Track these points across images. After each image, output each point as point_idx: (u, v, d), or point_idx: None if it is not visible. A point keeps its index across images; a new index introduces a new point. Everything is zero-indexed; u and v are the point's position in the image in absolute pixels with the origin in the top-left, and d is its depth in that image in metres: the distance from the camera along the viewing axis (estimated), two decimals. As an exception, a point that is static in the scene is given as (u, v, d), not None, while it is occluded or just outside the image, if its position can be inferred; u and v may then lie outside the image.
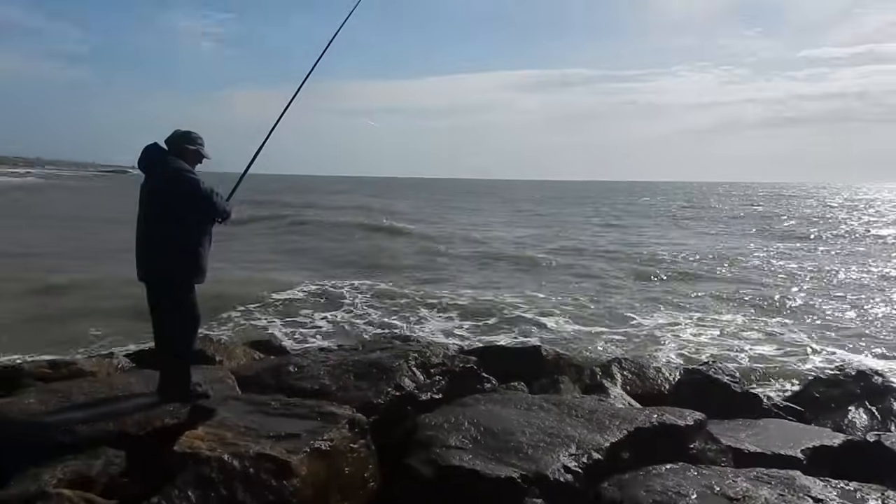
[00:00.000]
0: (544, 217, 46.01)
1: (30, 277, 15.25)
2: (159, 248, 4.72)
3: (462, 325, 12.25)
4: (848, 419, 6.53)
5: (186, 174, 4.74)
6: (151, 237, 4.75)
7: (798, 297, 15.63)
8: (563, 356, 7.76)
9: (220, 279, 14.53)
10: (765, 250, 25.54)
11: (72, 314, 12.23)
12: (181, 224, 4.71)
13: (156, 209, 4.74)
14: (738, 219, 44.82)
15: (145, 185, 4.85)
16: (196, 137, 4.95)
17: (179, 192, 4.69)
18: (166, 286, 4.80)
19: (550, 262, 20.79)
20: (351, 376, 5.45)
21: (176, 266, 4.74)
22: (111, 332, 10.96)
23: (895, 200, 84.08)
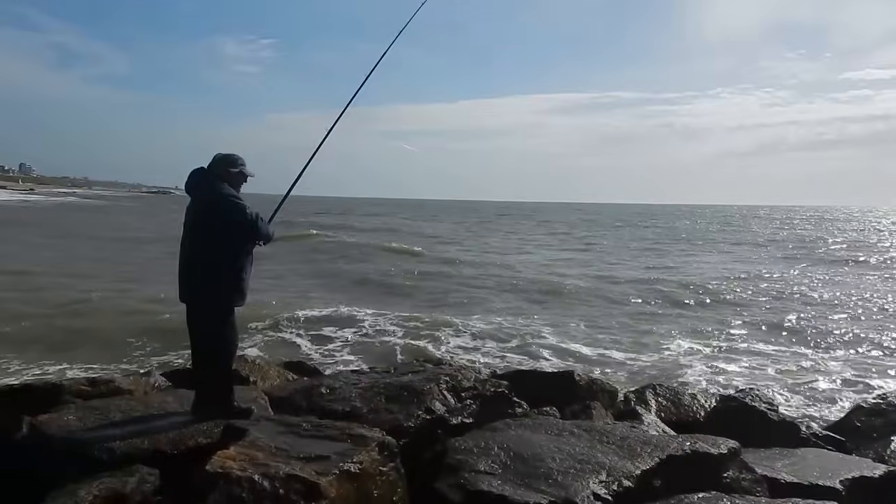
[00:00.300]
0: (580, 240, 45.65)
1: (64, 294, 15.63)
2: (203, 272, 4.83)
3: (490, 349, 12.19)
4: (890, 449, 6.31)
5: (232, 199, 4.83)
6: (195, 260, 4.86)
7: (840, 323, 15.26)
8: (597, 381, 7.66)
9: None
10: (805, 275, 24.96)
11: (109, 331, 12.49)
12: (225, 248, 4.83)
13: (200, 233, 4.85)
14: (778, 242, 43.87)
15: (191, 208, 4.96)
16: (237, 159, 5.05)
17: (225, 216, 4.80)
18: (209, 309, 4.89)
19: (583, 287, 20.55)
20: (382, 399, 5.48)
21: (219, 290, 4.85)
22: (148, 351, 11.18)
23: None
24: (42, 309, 13.85)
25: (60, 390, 5.93)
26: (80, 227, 40.58)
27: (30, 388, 6.24)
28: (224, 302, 4.88)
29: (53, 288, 16.56)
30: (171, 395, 5.77)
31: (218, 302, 4.88)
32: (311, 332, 13.04)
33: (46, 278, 18.11)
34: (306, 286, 19.86)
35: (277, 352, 10.99)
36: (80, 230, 37.42)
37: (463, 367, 6.57)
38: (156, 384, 6.58)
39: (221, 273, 4.82)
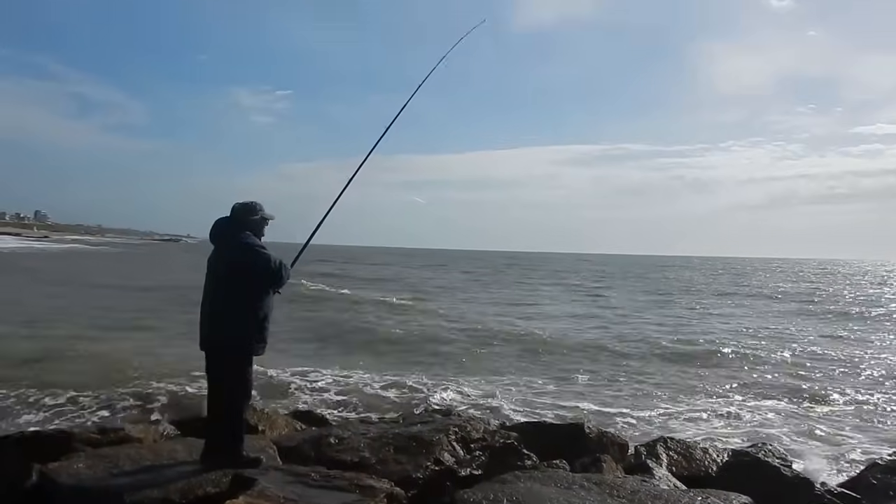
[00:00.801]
0: (588, 291, 45.31)
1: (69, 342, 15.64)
2: (226, 321, 4.87)
3: (496, 401, 12.08)
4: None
5: (256, 248, 4.92)
6: (218, 309, 4.91)
7: (855, 380, 15.05)
8: (607, 434, 7.58)
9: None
10: (818, 330, 24.65)
11: (120, 377, 12.47)
12: (248, 297, 4.88)
13: (224, 282, 4.91)
14: (791, 296, 43.37)
15: (215, 256, 5.04)
16: (256, 205, 5.12)
17: (250, 267, 4.87)
18: (230, 356, 4.92)
19: (589, 340, 20.31)
20: (391, 449, 5.46)
21: (242, 338, 4.87)
22: (156, 398, 11.16)
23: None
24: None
25: (70, 438, 5.96)
26: (74, 273, 40.19)
27: (40, 436, 6.26)
28: (245, 350, 4.90)
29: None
30: (180, 443, 5.77)
31: (240, 350, 4.90)
32: (315, 383, 12.99)
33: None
34: (293, 336, 19.87)
35: (278, 401, 10.98)
36: (75, 277, 37.12)
37: (472, 418, 6.54)
38: (164, 432, 6.59)
39: (246, 322, 4.85)
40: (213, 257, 5.06)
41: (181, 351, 14.26)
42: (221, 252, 5.00)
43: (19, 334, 16.37)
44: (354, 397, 11.64)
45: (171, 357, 13.89)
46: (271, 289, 5.00)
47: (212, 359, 5.01)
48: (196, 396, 11.14)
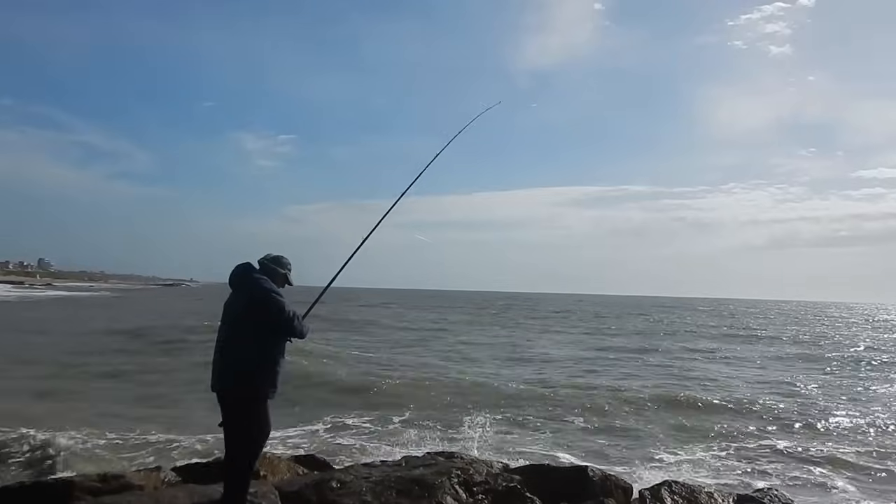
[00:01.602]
0: (587, 334, 45.04)
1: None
2: (239, 365, 4.87)
3: (500, 443, 12.00)
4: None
5: (274, 296, 4.95)
6: (231, 352, 4.92)
7: (860, 424, 14.94)
8: (611, 477, 7.51)
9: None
10: (813, 378, 24.06)
11: (124, 422, 12.45)
12: (262, 343, 4.90)
13: (240, 326, 4.93)
14: (799, 343, 42.79)
15: (233, 300, 5.08)
16: (286, 262, 5.26)
17: (266, 312, 4.89)
18: (241, 398, 4.91)
19: (591, 386, 20.07)
20: (393, 493, 5.43)
21: (253, 382, 4.87)
22: (156, 444, 11.12)
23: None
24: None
25: (72, 487, 5.94)
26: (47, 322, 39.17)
27: (40, 485, 6.24)
28: (259, 392, 4.90)
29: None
30: (182, 490, 5.75)
31: (252, 391, 4.89)
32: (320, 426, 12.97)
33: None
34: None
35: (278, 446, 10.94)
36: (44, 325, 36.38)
37: (474, 460, 6.50)
38: (166, 479, 6.56)
39: (256, 366, 4.86)
40: (230, 300, 5.12)
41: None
42: (238, 295, 5.05)
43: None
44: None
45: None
46: (284, 336, 5.03)
47: (224, 402, 4.99)
48: (191, 443, 11.17)
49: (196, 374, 17.03)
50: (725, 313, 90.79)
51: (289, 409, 14.17)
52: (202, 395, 13.56)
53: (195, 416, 12.65)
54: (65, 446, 10.29)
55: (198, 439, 11.06)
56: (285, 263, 5.24)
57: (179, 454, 10.22)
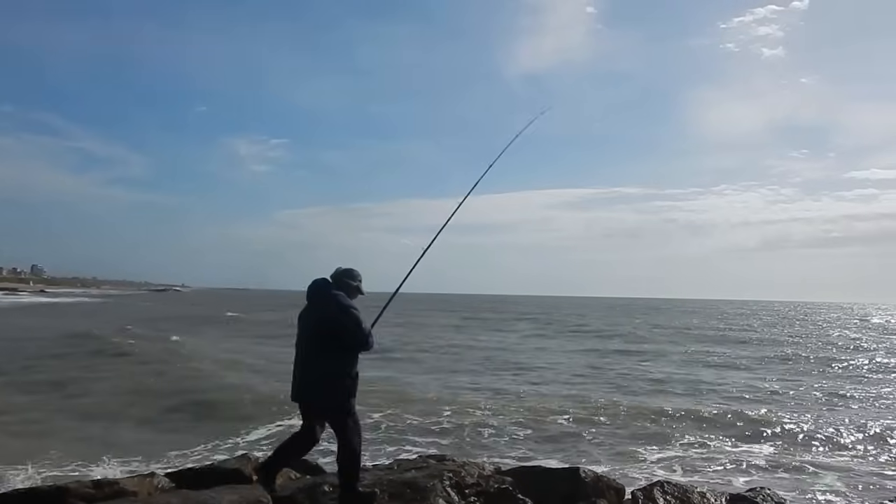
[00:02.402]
0: (584, 336, 45.08)
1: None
2: (320, 379, 5.20)
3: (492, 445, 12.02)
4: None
5: (353, 311, 5.22)
6: (312, 366, 5.23)
7: (853, 426, 15.02)
8: (603, 478, 7.54)
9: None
10: (803, 381, 24.13)
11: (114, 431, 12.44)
12: (340, 356, 5.19)
13: (319, 340, 5.22)
14: (774, 342, 42.80)
15: (309, 312, 5.37)
16: (357, 274, 5.54)
17: (344, 328, 5.15)
18: (329, 413, 5.32)
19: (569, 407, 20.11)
20: (385, 496, 5.45)
21: (335, 394, 5.20)
22: (147, 450, 11.14)
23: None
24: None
25: (66, 494, 5.95)
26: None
27: (35, 492, 6.24)
28: (341, 408, 5.23)
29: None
30: (176, 496, 5.76)
31: (333, 403, 5.23)
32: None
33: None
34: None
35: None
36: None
37: (466, 462, 6.53)
38: (159, 485, 6.56)
39: (336, 379, 5.18)
40: (305, 313, 5.40)
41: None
42: (314, 308, 5.33)
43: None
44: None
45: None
46: (359, 349, 5.27)
47: (305, 412, 5.43)
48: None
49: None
50: (719, 315, 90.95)
51: (278, 411, 14.26)
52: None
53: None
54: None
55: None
56: (356, 275, 5.51)
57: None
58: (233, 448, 11.68)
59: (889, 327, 65.69)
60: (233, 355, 27.30)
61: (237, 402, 16.03)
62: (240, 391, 17.63)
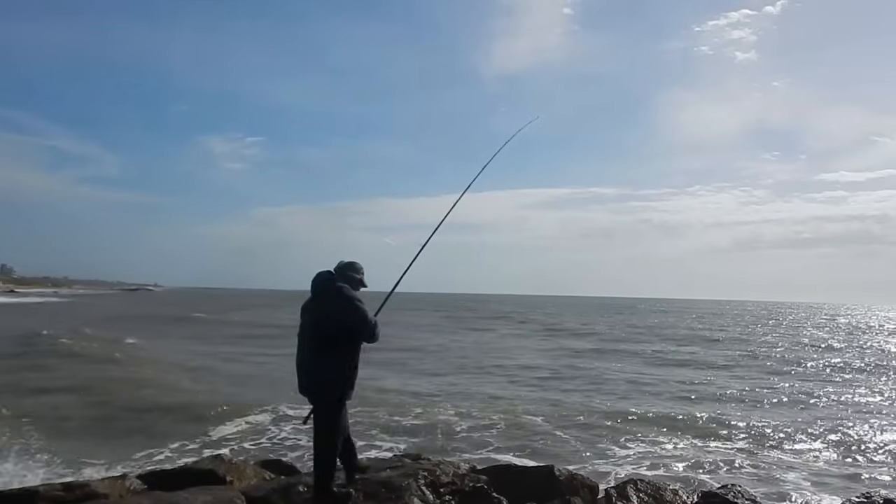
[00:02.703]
0: (533, 340, 44.72)
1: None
2: (320, 371, 5.27)
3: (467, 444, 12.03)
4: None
5: (356, 303, 5.29)
6: (312, 358, 5.31)
7: (821, 421, 15.30)
8: (577, 476, 7.59)
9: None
10: (768, 380, 24.44)
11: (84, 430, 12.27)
12: (341, 348, 5.27)
13: (319, 331, 5.30)
14: (746, 342, 43.31)
15: (313, 306, 5.42)
16: (360, 267, 5.62)
17: (346, 319, 5.23)
18: (326, 401, 5.35)
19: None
20: (360, 496, 5.44)
21: (334, 385, 5.29)
22: (123, 452, 10.99)
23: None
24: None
25: (35, 497, 5.86)
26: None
27: (4, 495, 6.14)
28: (338, 397, 5.33)
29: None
30: (147, 497, 5.71)
31: (333, 395, 5.32)
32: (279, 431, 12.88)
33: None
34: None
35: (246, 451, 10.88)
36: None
37: (441, 461, 6.53)
38: (131, 487, 6.48)
39: (338, 372, 5.27)
40: (310, 305, 5.45)
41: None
42: (320, 302, 5.37)
43: None
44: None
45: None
46: (363, 341, 5.36)
47: (312, 404, 5.47)
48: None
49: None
50: (694, 315, 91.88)
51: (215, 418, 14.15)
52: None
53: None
54: None
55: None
56: (359, 268, 5.59)
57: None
58: (178, 453, 11.32)
59: (856, 326, 66.92)
60: (187, 358, 26.22)
61: (177, 409, 15.14)
62: (184, 397, 16.78)
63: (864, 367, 27.83)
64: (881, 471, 11.18)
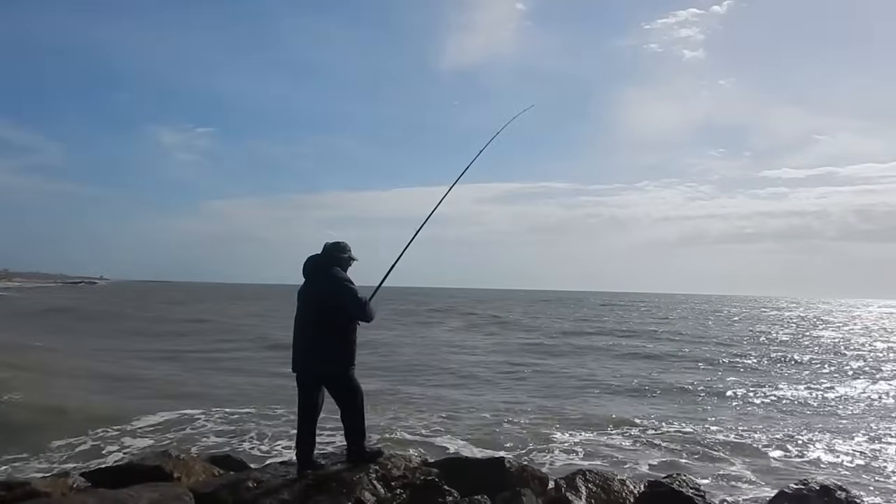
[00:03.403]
0: (481, 335, 45.08)
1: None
2: (321, 352, 5.58)
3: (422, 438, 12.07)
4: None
5: (346, 283, 5.62)
6: (311, 340, 5.61)
7: (762, 413, 15.79)
8: (528, 468, 7.68)
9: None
10: (694, 370, 25.18)
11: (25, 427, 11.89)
12: (338, 328, 5.55)
13: (316, 313, 5.58)
14: (688, 335, 44.20)
15: (308, 288, 5.71)
16: (345, 246, 5.85)
17: (340, 299, 5.53)
18: (333, 378, 5.74)
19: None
20: (311, 490, 5.42)
21: (338, 360, 5.63)
22: (65, 449, 10.69)
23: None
24: None
25: (-29, 495, 5.67)
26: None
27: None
28: (343, 373, 5.69)
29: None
30: (92, 495, 5.58)
31: (336, 370, 5.66)
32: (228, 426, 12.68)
33: None
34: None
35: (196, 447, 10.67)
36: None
37: (392, 455, 6.52)
38: (74, 485, 6.33)
39: (338, 351, 5.58)
40: (305, 289, 5.74)
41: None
42: (313, 284, 5.67)
43: None
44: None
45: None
46: (356, 319, 5.64)
47: (305, 385, 5.79)
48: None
49: None
50: (640, 308, 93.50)
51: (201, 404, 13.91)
52: None
53: None
54: None
55: None
56: (346, 247, 5.83)
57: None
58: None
59: (805, 319, 69.07)
60: (89, 362, 22.99)
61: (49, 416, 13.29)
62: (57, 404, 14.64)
63: (804, 361, 28.72)
64: (818, 459, 11.59)
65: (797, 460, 11.45)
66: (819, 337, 43.89)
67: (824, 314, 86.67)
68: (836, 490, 7.36)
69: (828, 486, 7.52)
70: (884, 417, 15.68)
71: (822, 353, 32.05)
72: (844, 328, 55.85)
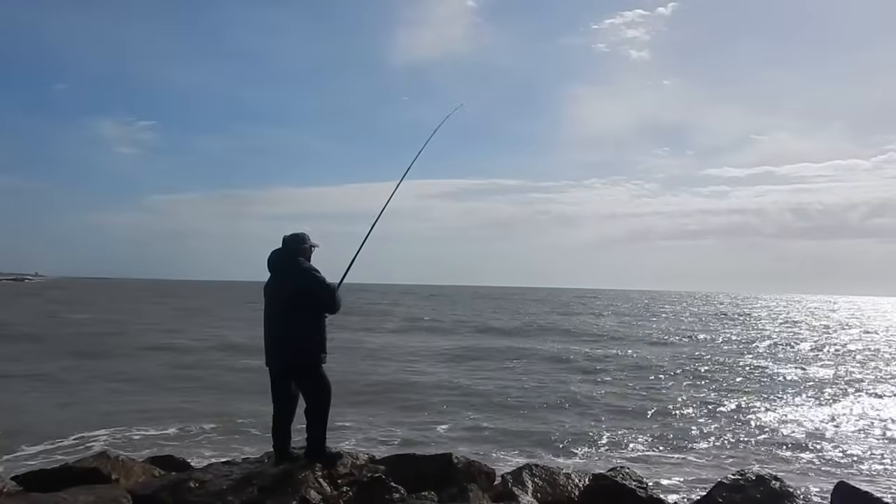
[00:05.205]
0: (426, 332, 44.98)
1: None
2: (293, 343, 5.58)
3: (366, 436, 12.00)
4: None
5: (314, 273, 5.65)
6: (282, 332, 5.59)
7: (704, 408, 16.18)
8: (474, 463, 7.69)
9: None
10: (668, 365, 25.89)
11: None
12: (309, 318, 5.57)
13: (286, 305, 5.58)
14: (633, 330, 45.31)
15: (274, 283, 5.74)
16: (305, 236, 5.85)
17: (310, 291, 5.55)
18: (304, 370, 5.70)
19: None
20: (255, 490, 5.32)
21: (310, 351, 5.63)
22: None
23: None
24: None
25: None
26: None
27: None
28: (314, 364, 5.66)
29: None
30: (23, 500, 5.36)
31: (308, 362, 5.64)
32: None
33: None
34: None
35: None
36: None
37: (340, 453, 6.46)
38: (5, 490, 6.07)
39: (310, 341, 5.58)
40: (271, 284, 5.75)
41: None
42: (280, 278, 5.67)
43: None
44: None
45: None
46: (325, 310, 5.66)
47: (278, 379, 5.78)
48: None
49: None
50: (569, 302, 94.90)
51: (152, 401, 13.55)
52: None
53: None
54: None
55: None
56: (306, 238, 5.82)
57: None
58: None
59: (729, 315, 71.07)
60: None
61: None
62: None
63: (749, 351, 29.57)
64: (756, 449, 11.96)
65: (738, 452, 11.78)
66: (770, 332, 45.27)
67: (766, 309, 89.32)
68: (770, 480, 7.61)
69: (763, 476, 7.78)
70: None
71: (776, 350, 33.05)
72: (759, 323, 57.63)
